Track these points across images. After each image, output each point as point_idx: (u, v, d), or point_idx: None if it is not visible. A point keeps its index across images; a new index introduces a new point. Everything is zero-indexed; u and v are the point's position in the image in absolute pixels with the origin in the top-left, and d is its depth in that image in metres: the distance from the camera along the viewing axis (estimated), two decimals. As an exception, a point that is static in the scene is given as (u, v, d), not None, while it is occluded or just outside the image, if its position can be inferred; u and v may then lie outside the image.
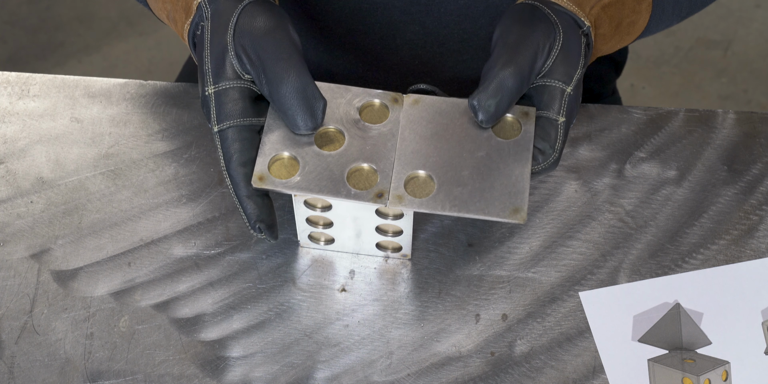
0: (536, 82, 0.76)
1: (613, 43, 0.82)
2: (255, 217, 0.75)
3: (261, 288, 0.83)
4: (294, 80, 0.73)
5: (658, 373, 0.79)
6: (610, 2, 0.79)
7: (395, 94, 0.77)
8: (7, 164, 0.89)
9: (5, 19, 2.08)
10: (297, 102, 0.73)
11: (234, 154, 0.74)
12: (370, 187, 0.74)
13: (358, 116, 0.76)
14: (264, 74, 0.73)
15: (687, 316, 0.81)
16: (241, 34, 0.74)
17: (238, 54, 0.74)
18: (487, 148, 0.75)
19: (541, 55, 0.75)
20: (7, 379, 0.78)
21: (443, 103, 0.77)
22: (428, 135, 0.76)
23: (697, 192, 0.87)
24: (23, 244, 0.84)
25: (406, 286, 0.83)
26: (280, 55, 0.73)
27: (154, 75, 1.94)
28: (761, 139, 0.90)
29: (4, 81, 0.93)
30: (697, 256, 0.84)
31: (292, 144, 0.75)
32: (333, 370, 0.79)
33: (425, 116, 0.76)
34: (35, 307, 0.82)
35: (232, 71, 0.74)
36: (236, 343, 0.80)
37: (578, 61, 0.76)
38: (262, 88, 0.74)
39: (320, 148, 0.75)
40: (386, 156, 0.75)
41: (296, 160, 0.74)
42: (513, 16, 0.77)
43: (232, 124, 0.74)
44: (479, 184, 0.74)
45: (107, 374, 0.79)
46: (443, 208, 0.73)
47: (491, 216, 0.73)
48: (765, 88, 1.99)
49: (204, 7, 0.76)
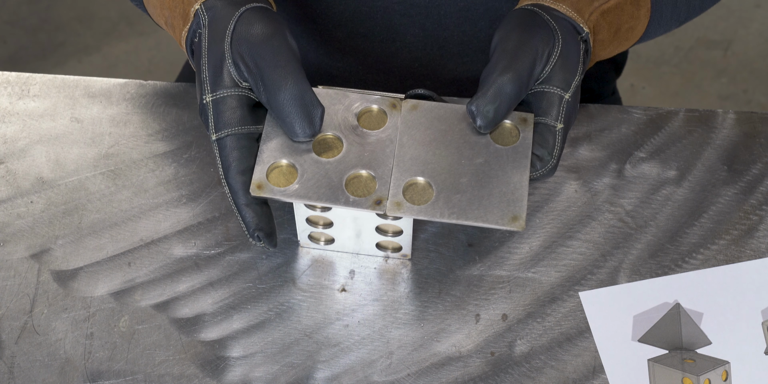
0: (535, 89, 0.76)
1: (612, 48, 0.82)
2: (254, 225, 0.75)
3: (261, 288, 0.83)
4: (292, 87, 0.72)
5: (658, 373, 0.79)
6: (609, 8, 0.79)
7: (393, 100, 0.77)
8: (7, 164, 0.89)
9: (5, 19, 2.08)
10: (295, 109, 0.73)
11: (232, 162, 0.74)
12: (368, 194, 0.74)
13: (356, 122, 0.76)
14: (262, 82, 0.73)
15: (687, 316, 0.81)
16: (238, 42, 0.74)
17: (236, 62, 0.74)
18: (486, 154, 0.75)
19: (540, 61, 0.75)
20: (7, 379, 0.78)
21: (441, 108, 0.77)
22: (426, 141, 0.76)
23: (697, 192, 0.87)
24: (23, 244, 0.84)
25: (406, 286, 0.83)
26: (277, 62, 0.73)
27: (154, 75, 1.94)
28: (761, 139, 0.90)
29: (4, 81, 0.93)
30: (697, 256, 0.84)
31: (290, 151, 0.74)
32: (333, 370, 0.79)
33: (423, 122, 0.76)
34: (35, 307, 0.82)
35: (230, 79, 0.74)
36: (236, 343, 0.80)
37: (577, 67, 0.76)
38: (260, 95, 0.74)
39: (318, 155, 0.75)
40: (385, 162, 0.75)
41: (294, 168, 0.74)
42: (512, 22, 0.77)
43: (230, 133, 0.74)
44: (478, 192, 0.74)
45: (107, 374, 0.79)
46: (441, 216, 0.73)
47: (490, 224, 0.73)
48: (765, 88, 1.99)
49: (201, 15, 0.76)
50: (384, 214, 0.74)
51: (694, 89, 1.94)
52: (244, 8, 0.75)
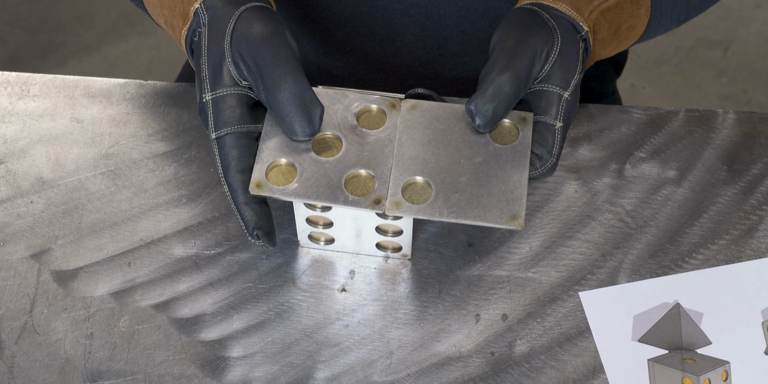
0: (534, 87, 0.76)
1: (612, 47, 0.82)
2: (253, 224, 0.75)
3: (261, 288, 0.83)
4: (291, 86, 0.73)
5: (658, 373, 0.79)
6: (608, 7, 0.79)
7: (393, 100, 0.77)
8: (7, 164, 0.89)
9: (5, 19, 2.08)
10: (294, 108, 0.73)
11: (232, 160, 0.74)
12: (367, 193, 0.74)
13: (355, 122, 0.76)
14: (261, 81, 0.73)
15: (687, 316, 0.81)
16: (238, 41, 0.74)
17: (236, 61, 0.74)
18: (485, 153, 0.75)
19: (539, 60, 0.75)
20: (7, 379, 0.78)
21: (440, 108, 0.77)
22: (426, 140, 0.76)
23: (697, 192, 0.87)
24: (23, 244, 0.84)
25: (406, 286, 0.83)
26: (277, 61, 0.73)
27: (154, 75, 1.94)
28: (761, 139, 0.90)
29: (4, 81, 0.93)
30: (697, 256, 0.84)
31: (289, 151, 0.75)
32: (333, 370, 0.79)
33: (423, 122, 0.76)
34: (35, 307, 0.82)
35: (230, 78, 0.74)
36: (236, 343, 0.80)
37: (576, 66, 0.76)
38: (259, 94, 0.74)
39: (318, 155, 0.75)
40: (384, 162, 0.75)
41: (294, 167, 0.74)
42: (511, 21, 0.77)
43: (229, 131, 0.74)
44: (477, 191, 0.74)
45: (107, 374, 0.79)
46: (441, 215, 0.73)
47: (489, 222, 0.73)
48: (765, 88, 1.99)
49: (201, 14, 0.76)
50: (383, 213, 0.74)
51: (694, 89, 1.94)
52: (244, 7, 0.75)
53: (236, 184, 0.74)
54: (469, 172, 0.74)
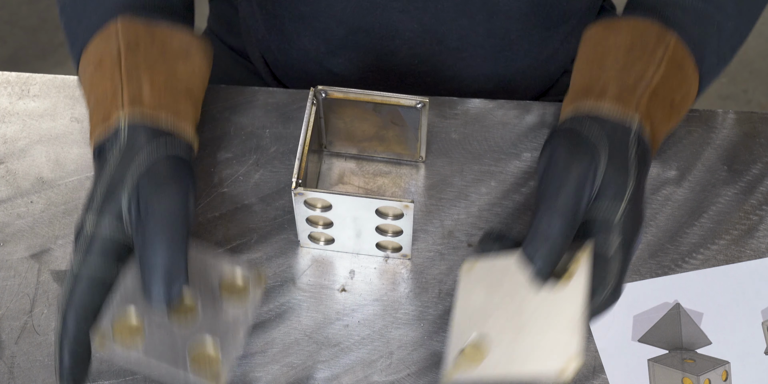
0: (585, 218, 0.73)
1: (673, 121, 0.80)
2: (68, 372, 0.71)
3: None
4: (164, 256, 0.70)
5: (658, 373, 0.79)
6: (655, 87, 0.77)
7: (258, 275, 0.75)
8: (7, 164, 0.89)
9: (5, 19, 2.08)
10: (157, 278, 0.70)
11: (80, 296, 0.71)
12: (210, 367, 0.71)
13: (218, 292, 0.74)
14: (143, 236, 0.71)
15: (687, 316, 0.81)
16: (142, 187, 0.72)
17: (130, 207, 0.72)
18: (540, 301, 0.72)
19: (584, 195, 0.72)
20: (7, 379, 0.78)
21: (495, 265, 0.75)
22: (483, 300, 0.73)
23: (697, 192, 0.87)
24: (23, 244, 0.84)
25: (406, 286, 0.83)
26: (165, 225, 0.70)
27: (154, 75, 1.94)
28: (761, 139, 0.90)
29: (4, 81, 0.93)
30: (697, 256, 0.84)
31: (143, 306, 0.72)
32: (333, 370, 0.79)
33: (480, 282, 0.75)
34: (35, 307, 0.82)
35: (118, 213, 0.72)
36: (236, 343, 0.80)
37: (626, 179, 0.73)
38: (136, 243, 0.71)
39: (170, 317, 0.72)
40: (234, 337, 0.73)
41: (142, 325, 0.71)
42: (553, 153, 0.74)
43: (90, 273, 0.71)
44: (529, 340, 0.70)
45: (107, 374, 0.79)
46: (494, 372, 0.70)
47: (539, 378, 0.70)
48: (765, 88, 1.99)
49: (122, 133, 0.74)
50: (385, 215, 0.74)
51: (694, 89, 1.94)
52: (163, 155, 0.73)
53: (72, 322, 0.71)
54: (525, 325, 0.71)
